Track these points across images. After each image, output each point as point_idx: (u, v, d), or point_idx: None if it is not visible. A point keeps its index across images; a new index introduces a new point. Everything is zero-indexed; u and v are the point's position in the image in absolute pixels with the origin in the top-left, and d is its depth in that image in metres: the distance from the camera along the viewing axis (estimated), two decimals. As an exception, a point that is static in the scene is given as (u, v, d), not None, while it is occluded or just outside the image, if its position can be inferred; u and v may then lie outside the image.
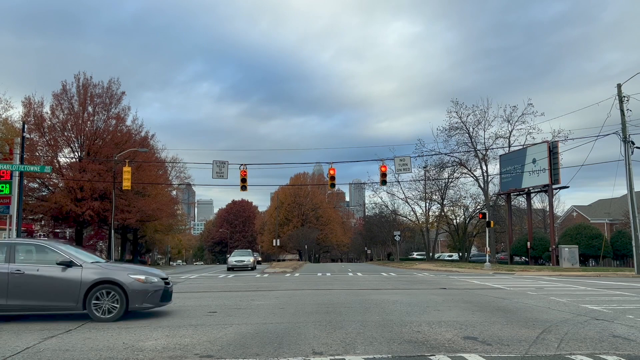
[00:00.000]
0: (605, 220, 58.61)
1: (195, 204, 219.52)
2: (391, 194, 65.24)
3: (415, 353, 6.40)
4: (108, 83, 44.74)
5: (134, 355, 6.37)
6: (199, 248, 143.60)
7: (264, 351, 6.53)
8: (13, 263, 9.33)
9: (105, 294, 9.34)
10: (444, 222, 61.93)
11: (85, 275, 9.38)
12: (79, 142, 43.52)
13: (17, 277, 9.18)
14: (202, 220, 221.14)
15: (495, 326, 8.53)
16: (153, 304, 9.82)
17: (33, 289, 9.22)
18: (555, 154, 39.96)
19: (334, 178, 30.96)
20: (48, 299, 9.28)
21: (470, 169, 53.48)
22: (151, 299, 9.70)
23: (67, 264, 9.41)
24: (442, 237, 77.32)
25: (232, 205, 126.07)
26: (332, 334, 7.73)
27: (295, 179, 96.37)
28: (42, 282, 9.27)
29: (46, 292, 9.27)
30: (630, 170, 26.68)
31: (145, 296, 9.57)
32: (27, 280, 9.20)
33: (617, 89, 27.38)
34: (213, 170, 29.64)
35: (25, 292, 9.18)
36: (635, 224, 26.60)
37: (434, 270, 35.01)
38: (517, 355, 6.32)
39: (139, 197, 45.77)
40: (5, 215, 32.98)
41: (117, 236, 52.31)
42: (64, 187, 42.14)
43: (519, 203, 52.37)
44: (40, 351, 6.65)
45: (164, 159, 55.51)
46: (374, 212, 77.32)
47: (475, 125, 50.85)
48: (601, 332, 7.98)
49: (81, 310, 9.33)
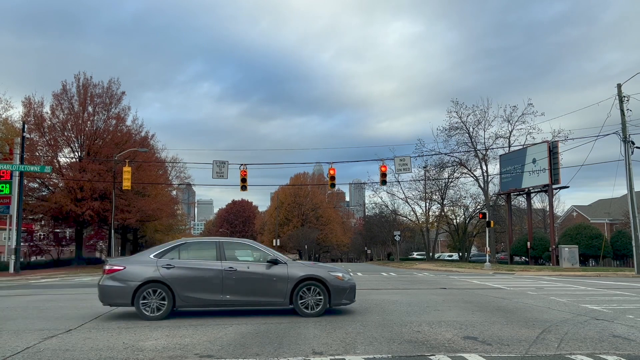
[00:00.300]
0: (605, 220, 58.60)
1: (195, 204, 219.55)
2: (391, 194, 65.37)
3: (415, 353, 6.40)
4: (108, 83, 44.75)
5: (134, 355, 6.36)
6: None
7: (264, 351, 6.53)
8: (225, 261, 9.79)
9: (308, 291, 9.78)
10: (444, 222, 61.93)
11: (292, 272, 9.83)
12: (79, 142, 43.50)
13: (230, 274, 9.65)
14: (202, 220, 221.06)
15: (495, 326, 8.53)
16: (349, 300, 10.17)
17: (245, 285, 9.69)
18: (555, 154, 39.95)
19: (334, 178, 30.97)
20: (257, 295, 9.74)
21: (470, 169, 53.51)
22: (348, 296, 10.08)
23: (274, 262, 9.88)
24: (442, 237, 77.37)
25: (232, 205, 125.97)
26: (332, 334, 7.73)
27: (295, 179, 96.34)
28: (253, 278, 9.73)
29: (256, 288, 9.73)
30: (630, 170, 26.69)
31: (344, 293, 9.97)
32: (239, 277, 9.67)
33: (617, 89, 27.39)
34: (213, 170, 29.65)
35: (238, 288, 9.65)
36: (635, 224, 26.60)
37: (434, 270, 35.01)
38: (517, 355, 6.32)
39: (139, 197, 45.74)
40: (5, 215, 33.02)
41: (117, 236, 52.30)
42: (64, 187, 42.11)
43: (519, 203, 52.37)
44: (40, 351, 6.64)
45: (164, 159, 55.55)
46: (374, 212, 77.36)
47: (475, 125, 50.91)
48: (601, 332, 7.98)
49: (287, 305, 9.82)
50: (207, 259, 9.85)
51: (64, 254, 54.51)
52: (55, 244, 53.29)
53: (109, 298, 9.49)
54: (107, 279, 9.46)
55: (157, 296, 9.37)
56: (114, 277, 9.43)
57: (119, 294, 9.39)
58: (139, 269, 9.51)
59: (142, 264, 9.63)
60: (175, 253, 9.91)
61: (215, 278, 9.56)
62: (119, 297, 9.41)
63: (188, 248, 10.20)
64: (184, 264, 9.68)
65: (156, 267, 9.52)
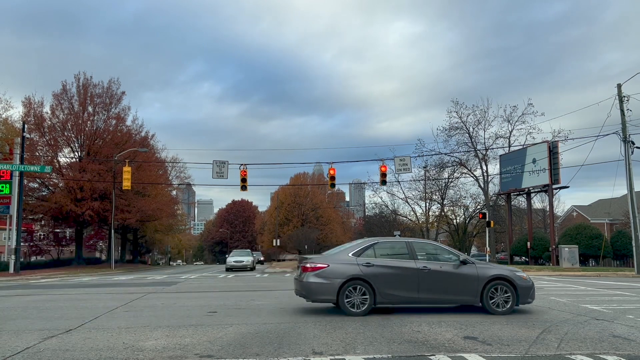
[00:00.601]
0: (605, 220, 58.58)
1: (195, 204, 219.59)
2: (391, 193, 65.23)
3: (415, 353, 6.40)
4: (108, 83, 44.82)
5: (134, 355, 6.36)
6: (199, 248, 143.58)
7: (264, 351, 6.53)
8: (418, 260, 10.23)
9: (497, 290, 10.07)
10: (444, 222, 61.92)
11: (481, 272, 10.18)
12: (79, 142, 43.53)
13: (425, 272, 10.03)
14: (202, 220, 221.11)
15: (495, 326, 8.53)
16: (532, 299, 10.43)
17: (438, 284, 10.07)
18: (555, 154, 39.92)
19: (334, 178, 30.96)
20: (450, 293, 10.14)
21: (470, 169, 53.47)
22: (532, 295, 10.40)
23: (464, 262, 10.28)
24: (442, 237, 77.22)
25: (232, 205, 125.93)
26: (332, 334, 7.73)
27: (295, 179, 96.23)
28: (445, 277, 10.09)
29: (448, 287, 10.10)
30: (630, 170, 26.68)
31: (529, 292, 10.26)
32: (433, 275, 10.05)
33: (617, 89, 27.38)
34: (213, 170, 29.65)
35: (431, 286, 10.02)
36: (635, 224, 26.60)
37: (434, 270, 34.95)
38: (517, 355, 6.32)
39: (139, 197, 45.76)
40: (5, 215, 33.01)
41: (117, 236, 52.30)
42: (64, 187, 42.13)
43: (519, 203, 52.35)
44: (40, 351, 6.64)
45: (164, 159, 55.57)
46: (374, 212, 77.28)
47: (476, 125, 50.87)
48: (601, 332, 7.98)
49: (477, 304, 10.13)
50: (401, 258, 10.30)
51: (64, 254, 54.54)
52: (55, 244, 53.33)
53: (315, 294, 9.89)
54: (312, 276, 9.84)
55: (359, 293, 9.77)
56: (318, 275, 9.82)
57: (324, 291, 9.79)
58: (342, 267, 9.93)
59: (343, 262, 10.02)
60: (370, 251, 10.31)
61: (412, 276, 9.99)
62: (324, 293, 9.81)
63: (381, 247, 10.61)
64: (382, 262, 10.11)
65: (357, 265, 9.94)
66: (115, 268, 40.82)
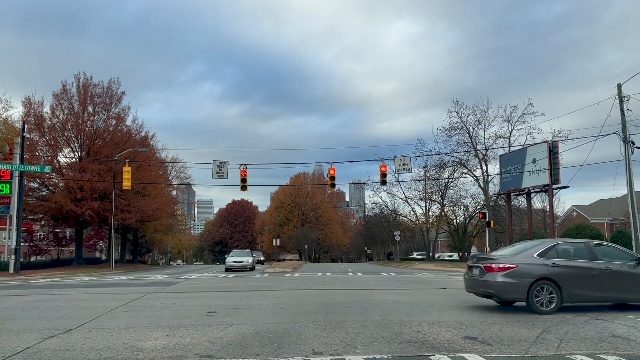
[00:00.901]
0: (605, 220, 58.55)
1: (195, 204, 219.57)
2: (391, 193, 65.19)
3: (415, 353, 6.40)
4: (108, 83, 44.74)
5: (134, 355, 6.36)
6: (199, 248, 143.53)
7: (264, 351, 6.53)
8: (600, 260, 10.52)
9: None
10: (444, 222, 61.87)
11: None
12: (79, 142, 43.50)
13: (607, 272, 10.36)
14: (202, 220, 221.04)
15: (495, 326, 8.53)
16: None
17: (619, 283, 10.41)
18: (555, 154, 39.82)
19: (334, 178, 30.96)
20: (631, 292, 10.54)
21: (470, 169, 53.42)
22: None
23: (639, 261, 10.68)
24: (442, 237, 77.26)
25: (232, 205, 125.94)
26: (332, 334, 7.73)
27: (295, 179, 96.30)
28: (626, 277, 10.47)
29: (630, 286, 10.49)
30: (630, 170, 26.68)
31: None
32: (614, 275, 10.38)
33: (618, 89, 27.37)
34: (213, 170, 29.65)
35: (613, 286, 10.37)
36: (635, 224, 26.61)
37: (434, 270, 35.02)
38: (517, 355, 6.32)
39: (139, 197, 45.74)
40: (5, 215, 33.02)
41: (117, 236, 52.28)
42: (64, 187, 42.10)
43: (519, 203, 52.30)
44: (40, 351, 6.64)
45: (164, 159, 55.52)
46: (374, 212, 77.28)
47: (476, 125, 50.78)
48: (601, 332, 7.99)
49: None
50: (583, 259, 10.54)
51: (64, 254, 54.51)
52: (55, 244, 53.29)
53: (504, 293, 10.21)
54: (500, 276, 10.11)
55: (546, 292, 10.07)
56: (507, 275, 10.10)
57: (513, 290, 10.10)
58: (529, 267, 10.22)
59: (530, 263, 10.28)
60: (553, 252, 10.59)
61: (596, 276, 10.29)
62: (514, 292, 10.13)
63: (562, 248, 10.90)
64: (566, 262, 10.40)
65: (544, 265, 10.24)
66: (115, 268, 40.80)
